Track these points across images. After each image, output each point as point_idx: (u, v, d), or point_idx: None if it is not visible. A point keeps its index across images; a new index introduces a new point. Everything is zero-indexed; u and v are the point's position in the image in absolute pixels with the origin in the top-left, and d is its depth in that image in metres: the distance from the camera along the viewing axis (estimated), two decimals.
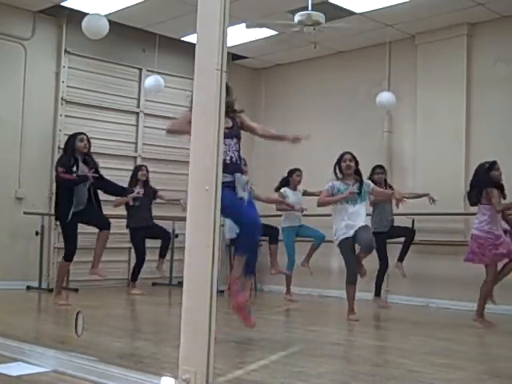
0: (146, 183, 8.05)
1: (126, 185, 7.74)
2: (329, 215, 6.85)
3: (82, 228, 6.69)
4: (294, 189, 8.04)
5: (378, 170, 7.42)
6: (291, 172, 8.10)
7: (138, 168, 8.21)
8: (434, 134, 8.09)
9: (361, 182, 6.16)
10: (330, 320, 6.17)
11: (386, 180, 7.49)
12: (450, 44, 8.01)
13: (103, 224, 6.69)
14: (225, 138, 4.41)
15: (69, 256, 6.52)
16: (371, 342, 5.17)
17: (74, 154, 6.56)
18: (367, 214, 6.47)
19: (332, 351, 4.46)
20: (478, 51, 7.92)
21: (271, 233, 7.59)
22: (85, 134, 6.71)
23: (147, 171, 8.12)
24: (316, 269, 7.95)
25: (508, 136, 7.49)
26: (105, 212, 6.88)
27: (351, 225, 6.03)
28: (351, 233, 6.02)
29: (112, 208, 7.62)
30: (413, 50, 8.41)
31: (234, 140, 4.66)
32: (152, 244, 8.10)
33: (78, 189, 6.45)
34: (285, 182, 8.07)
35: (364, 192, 6.14)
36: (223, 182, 3.87)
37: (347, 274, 6.07)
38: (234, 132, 4.69)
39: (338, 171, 6.19)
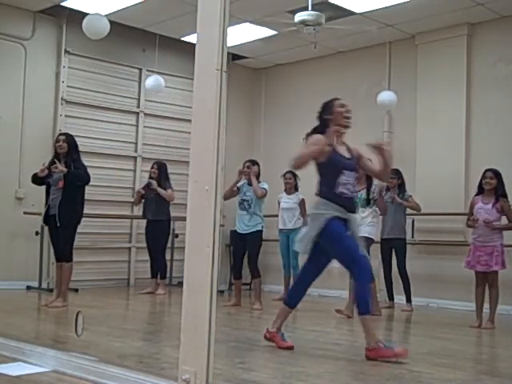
0: (158, 179, 8.00)
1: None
2: None
3: (81, 228, 6.67)
4: (289, 193, 7.64)
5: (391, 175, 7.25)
6: (283, 175, 7.65)
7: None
8: (434, 134, 8.08)
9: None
10: (331, 320, 6.16)
11: (401, 185, 7.29)
12: (450, 44, 8.00)
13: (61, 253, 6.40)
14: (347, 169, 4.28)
15: (71, 256, 6.43)
16: None
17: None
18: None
19: (332, 351, 4.45)
20: (478, 51, 7.92)
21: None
22: (62, 135, 6.58)
23: (158, 168, 8.05)
24: None
25: (508, 136, 7.49)
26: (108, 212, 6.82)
27: None
28: None
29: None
30: (413, 49, 8.40)
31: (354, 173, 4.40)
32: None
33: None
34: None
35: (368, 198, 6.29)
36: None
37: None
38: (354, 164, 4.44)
39: None
